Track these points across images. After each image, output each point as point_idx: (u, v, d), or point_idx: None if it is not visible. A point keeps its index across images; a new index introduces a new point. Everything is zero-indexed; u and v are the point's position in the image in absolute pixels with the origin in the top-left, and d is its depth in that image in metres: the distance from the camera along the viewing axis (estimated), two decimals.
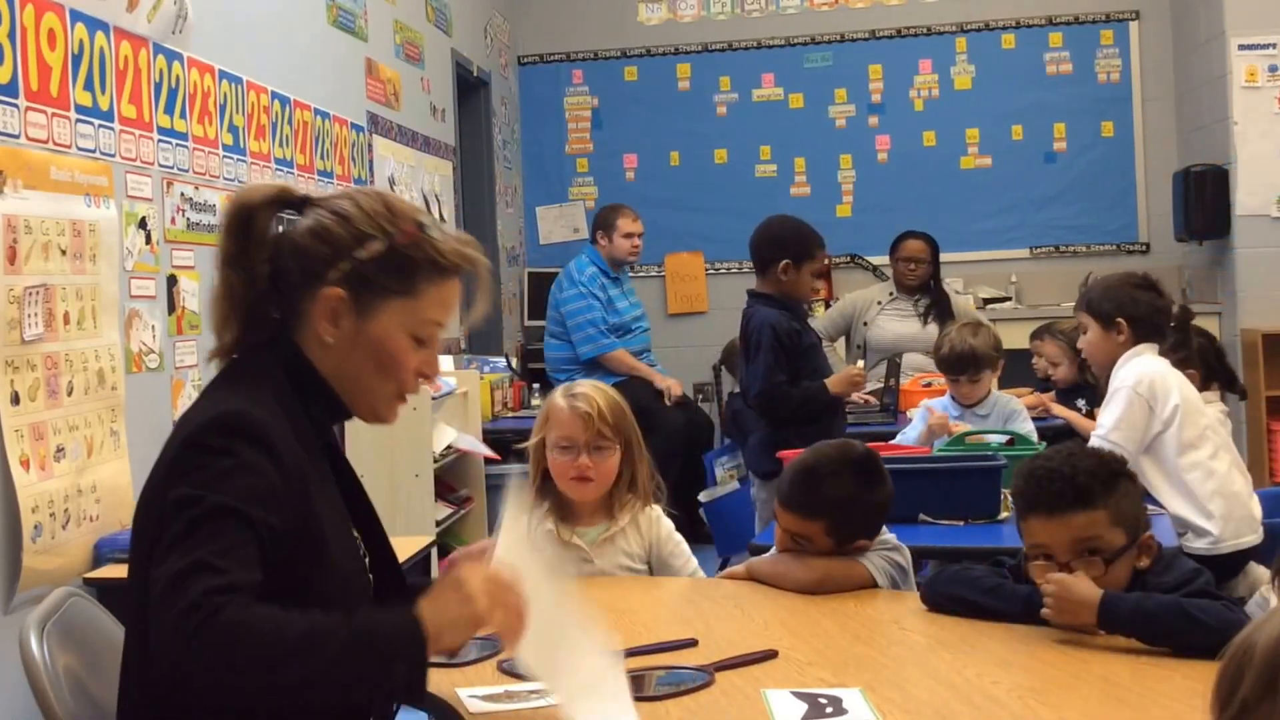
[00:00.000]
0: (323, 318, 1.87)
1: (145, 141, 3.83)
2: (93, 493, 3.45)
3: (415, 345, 1.91)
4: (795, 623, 2.56)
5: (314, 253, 1.87)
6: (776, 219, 4.93)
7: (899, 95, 8.62)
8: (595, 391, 3.12)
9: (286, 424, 1.82)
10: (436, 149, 6.91)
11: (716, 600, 2.79)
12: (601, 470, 3.04)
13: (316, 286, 1.87)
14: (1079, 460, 2.42)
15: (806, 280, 4.79)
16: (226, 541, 1.65)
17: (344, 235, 1.87)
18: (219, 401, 1.81)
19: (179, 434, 1.80)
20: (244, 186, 1.97)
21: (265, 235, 1.90)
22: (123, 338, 3.66)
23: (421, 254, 1.89)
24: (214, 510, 1.67)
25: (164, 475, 1.76)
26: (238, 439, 1.73)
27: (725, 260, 8.63)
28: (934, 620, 2.54)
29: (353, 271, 1.86)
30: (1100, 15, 8.43)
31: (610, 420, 3.06)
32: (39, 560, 3.22)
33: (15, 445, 3.15)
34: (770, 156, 8.69)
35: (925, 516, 3.63)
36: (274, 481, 1.74)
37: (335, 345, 1.88)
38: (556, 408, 3.10)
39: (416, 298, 1.89)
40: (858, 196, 8.63)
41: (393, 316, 1.89)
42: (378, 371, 1.91)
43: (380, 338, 1.89)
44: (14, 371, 3.16)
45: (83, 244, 3.46)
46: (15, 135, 3.23)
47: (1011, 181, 8.48)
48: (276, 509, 1.73)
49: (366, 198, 1.93)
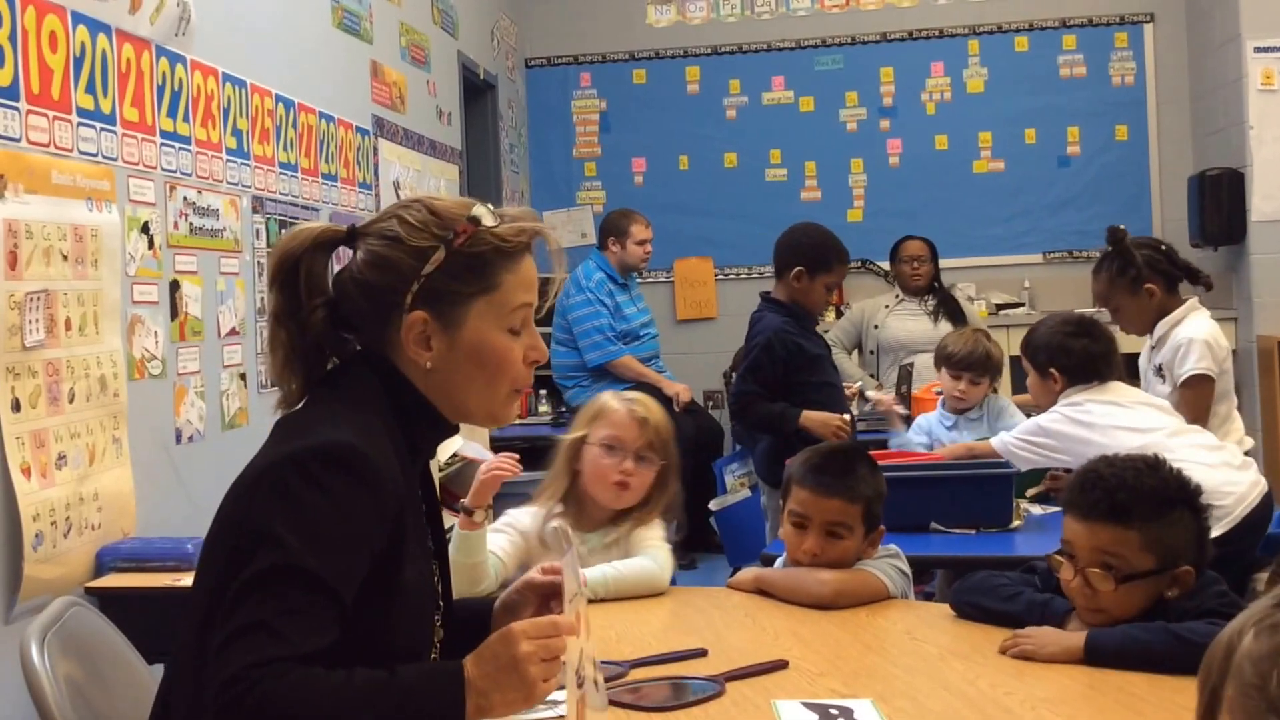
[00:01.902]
0: (414, 345, 1.83)
1: (148, 145, 3.83)
2: (94, 501, 3.45)
3: (513, 335, 1.87)
4: (806, 633, 2.56)
5: (380, 284, 1.83)
6: (802, 226, 4.94)
7: (911, 98, 8.62)
8: (652, 402, 3.14)
9: (392, 453, 1.77)
10: (442, 153, 6.91)
11: (727, 610, 2.79)
12: (640, 480, 3.03)
13: (396, 316, 1.82)
14: (1139, 476, 2.39)
15: (819, 292, 4.77)
16: (295, 602, 1.62)
17: (403, 257, 1.82)
18: (329, 423, 1.76)
19: (283, 447, 1.74)
20: (285, 234, 1.92)
21: (317, 281, 1.86)
22: (125, 344, 3.66)
23: (485, 246, 1.84)
24: (291, 567, 1.62)
25: (257, 488, 1.71)
26: (340, 473, 1.68)
27: (735, 265, 8.64)
28: (946, 630, 2.54)
29: (426, 289, 1.81)
30: (1114, 18, 8.43)
31: (663, 435, 3.06)
32: (40, 569, 3.21)
33: (16, 453, 3.14)
34: (781, 160, 8.70)
35: (937, 525, 3.62)
36: (367, 521, 1.70)
37: (435, 366, 1.83)
38: (610, 408, 3.09)
39: (498, 289, 1.84)
40: (869, 201, 8.63)
41: (482, 317, 1.84)
42: (487, 376, 1.86)
43: (477, 343, 1.84)
44: (14, 378, 3.15)
45: (84, 249, 3.45)
46: (16, 139, 3.22)
47: (1024, 186, 8.48)
48: (363, 550, 1.69)
49: (409, 210, 1.87)
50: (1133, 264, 4.25)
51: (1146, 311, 4.26)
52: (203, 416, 4.10)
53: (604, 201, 8.69)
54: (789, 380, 4.66)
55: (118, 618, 2.33)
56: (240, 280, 4.42)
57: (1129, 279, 4.24)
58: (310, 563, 1.63)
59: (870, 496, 2.85)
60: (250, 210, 4.52)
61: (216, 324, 4.24)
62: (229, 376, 4.31)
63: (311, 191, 5.08)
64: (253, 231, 4.53)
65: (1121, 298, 4.28)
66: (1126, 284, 4.25)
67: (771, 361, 4.64)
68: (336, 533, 1.67)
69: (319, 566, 1.64)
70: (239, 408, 4.36)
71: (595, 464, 3.04)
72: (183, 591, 1.85)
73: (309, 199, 5.04)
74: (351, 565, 1.68)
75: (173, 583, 3.22)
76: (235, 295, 4.37)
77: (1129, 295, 4.26)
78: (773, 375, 4.66)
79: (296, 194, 4.93)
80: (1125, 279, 4.25)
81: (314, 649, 1.62)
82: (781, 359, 4.64)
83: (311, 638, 1.62)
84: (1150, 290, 4.24)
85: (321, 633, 1.63)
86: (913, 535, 3.24)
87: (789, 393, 4.66)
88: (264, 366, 4.56)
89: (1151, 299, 4.24)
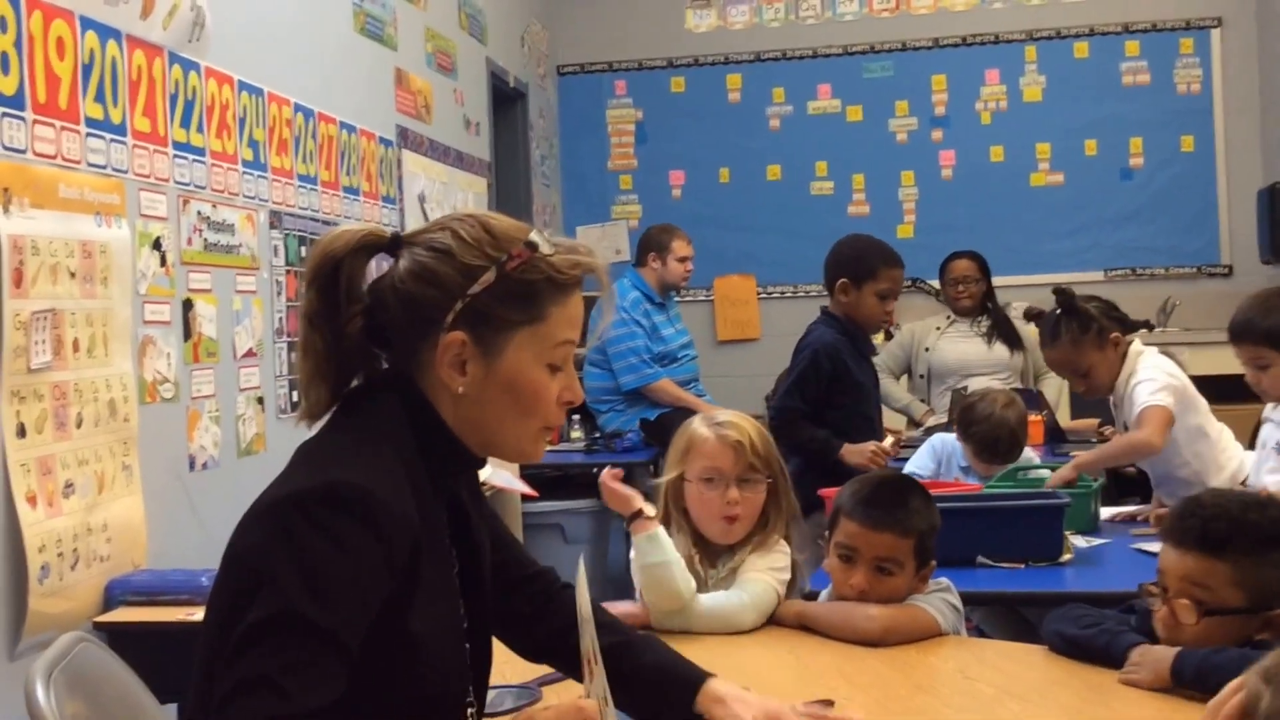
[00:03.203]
0: (448, 366, 1.80)
1: (160, 157, 3.85)
2: (103, 531, 3.45)
3: (551, 372, 1.85)
4: (853, 670, 2.54)
5: (422, 297, 1.81)
6: (846, 237, 4.96)
7: (964, 107, 8.60)
8: (741, 419, 3.08)
9: (406, 488, 1.75)
10: (470, 165, 6.93)
11: (768, 645, 2.77)
12: (749, 506, 2.99)
13: (433, 334, 1.80)
14: (1245, 510, 2.37)
15: (869, 302, 4.74)
16: (298, 654, 1.61)
17: (450, 272, 1.80)
18: (341, 458, 1.75)
19: (290, 484, 1.73)
20: (327, 234, 1.91)
21: (357, 286, 1.85)
22: (135, 366, 3.67)
23: (538, 274, 1.82)
24: (293, 616, 1.62)
25: (260, 527, 1.70)
26: (346, 516, 1.67)
27: (778, 284, 8.63)
28: (1001, 668, 2.53)
29: (469, 310, 1.79)
30: (1180, 22, 8.39)
31: (762, 451, 3.01)
32: (46, 603, 3.21)
33: (21, 480, 3.15)
34: (827, 173, 8.69)
35: (984, 559, 3.59)
36: (374, 566, 1.68)
37: (466, 393, 1.82)
38: (700, 437, 3.04)
39: (543, 322, 1.82)
40: (920, 216, 8.61)
41: (523, 348, 1.82)
42: (519, 411, 1.84)
43: (514, 375, 1.82)
44: (20, 402, 3.16)
45: (93, 266, 3.47)
46: (22, 150, 3.24)
47: (1085, 200, 8.44)
48: (369, 597, 1.68)
49: (464, 225, 1.85)
50: (1092, 318, 4.20)
51: (1114, 364, 4.20)
52: (217, 443, 4.12)
53: (640, 216, 8.71)
54: (828, 400, 4.64)
55: (128, 654, 2.32)
56: (257, 299, 4.43)
57: (1094, 334, 4.19)
58: (313, 611, 1.62)
59: (923, 530, 2.82)
60: (268, 225, 4.53)
61: (232, 345, 4.26)
62: (245, 400, 4.32)
63: (332, 206, 5.10)
64: (270, 248, 4.54)
65: (1091, 355, 4.20)
66: (1092, 340, 4.18)
67: (817, 377, 4.63)
68: (341, 579, 1.65)
69: (322, 615, 1.63)
70: (256, 433, 4.37)
71: (699, 501, 3.00)
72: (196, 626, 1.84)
73: (329, 213, 5.06)
74: (357, 613, 1.67)
75: (186, 617, 3.22)
76: (252, 315, 4.39)
77: (1098, 351, 4.19)
78: (817, 392, 4.64)
79: (316, 208, 4.94)
80: (1090, 335, 4.19)
81: (318, 705, 1.61)
82: (827, 374, 4.62)
83: (315, 693, 1.61)
84: (1115, 339, 4.19)
85: (326, 687, 1.62)
86: (956, 570, 3.21)
87: (824, 412, 4.64)
88: (282, 390, 4.57)
89: (1118, 348, 4.20)
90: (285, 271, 4.65)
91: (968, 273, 6.82)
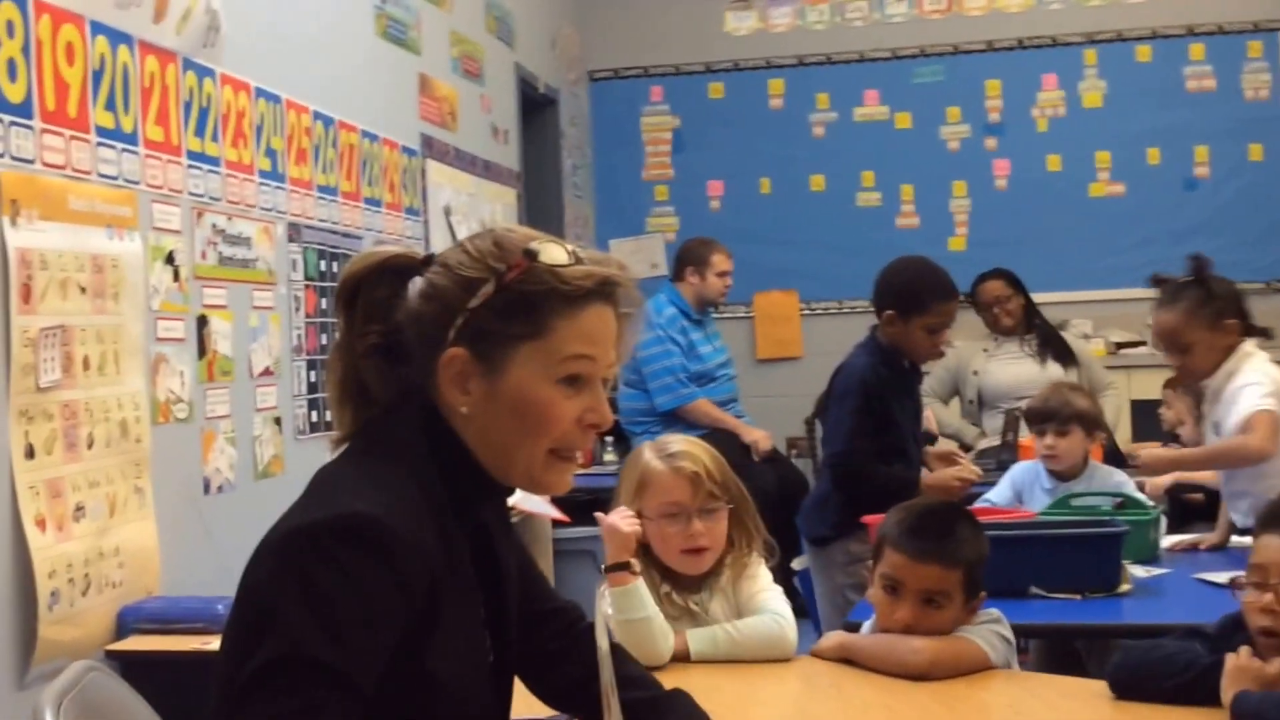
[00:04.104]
0: (451, 385, 1.82)
1: (173, 167, 3.90)
2: (115, 556, 3.50)
3: (566, 391, 1.83)
4: (898, 706, 2.56)
5: (427, 315, 1.83)
6: (899, 261, 4.79)
7: (1020, 114, 8.60)
8: (692, 446, 3.10)
9: (425, 517, 1.77)
10: (498, 174, 6.98)
11: (809, 679, 2.79)
12: (715, 535, 3.01)
13: (438, 352, 1.82)
14: None
15: (918, 337, 4.57)
16: (308, 698, 1.63)
17: (451, 287, 1.82)
18: (355, 487, 1.76)
19: (302, 515, 1.75)
20: (355, 256, 1.96)
21: (377, 309, 1.88)
22: (148, 385, 3.72)
23: (540, 285, 1.81)
24: (302, 658, 1.63)
25: (270, 560, 1.72)
26: (358, 549, 1.68)
27: (822, 300, 8.63)
28: (1055, 705, 2.54)
29: (468, 325, 1.80)
30: (1247, 25, 8.38)
31: (718, 477, 3.03)
32: (56, 630, 3.26)
33: (30, 503, 3.20)
34: (874, 183, 8.70)
35: (1037, 590, 3.59)
36: (389, 602, 1.69)
37: (472, 413, 1.82)
38: (654, 471, 3.05)
39: (548, 337, 1.81)
40: (973, 228, 8.60)
41: (526, 365, 1.81)
42: (525, 430, 1.82)
43: (518, 391, 1.81)
44: (29, 422, 3.21)
45: (104, 281, 3.52)
46: (30, 160, 3.29)
47: (1147, 212, 8.41)
48: (383, 635, 1.70)
49: (477, 239, 1.87)
50: (1216, 295, 4.17)
51: (1218, 353, 4.13)
52: (233, 465, 4.16)
53: (676, 229, 8.71)
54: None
55: (141, 683, 2.35)
56: (275, 315, 4.48)
57: (1212, 311, 4.13)
58: (324, 651, 1.64)
59: (971, 560, 2.83)
60: (286, 238, 4.59)
61: (248, 363, 4.30)
62: (262, 421, 4.37)
63: (353, 218, 5.15)
64: (289, 262, 4.60)
65: (1199, 332, 4.12)
66: (1208, 317, 4.12)
67: (870, 411, 4.50)
68: (353, 616, 1.66)
69: (333, 655, 1.64)
70: (273, 455, 4.41)
71: (660, 537, 3.02)
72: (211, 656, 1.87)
73: (350, 226, 5.11)
74: (370, 652, 1.68)
75: (200, 646, 3.27)
76: (269, 332, 4.44)
77: (1207, 330, 4.12)
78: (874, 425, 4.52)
79: (336, 220, 5.00)
80: (1207, 310, 4.13)
81: None
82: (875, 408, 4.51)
83: None
84: (1230, 327, 4.14)
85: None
86: (1010, 601, 3.21)
87: None
88: (300, 410, 4.62)
89: (1228, 338, 4.14)
90: (304, 286, 4.70)
91: (999, 293, 6.74)
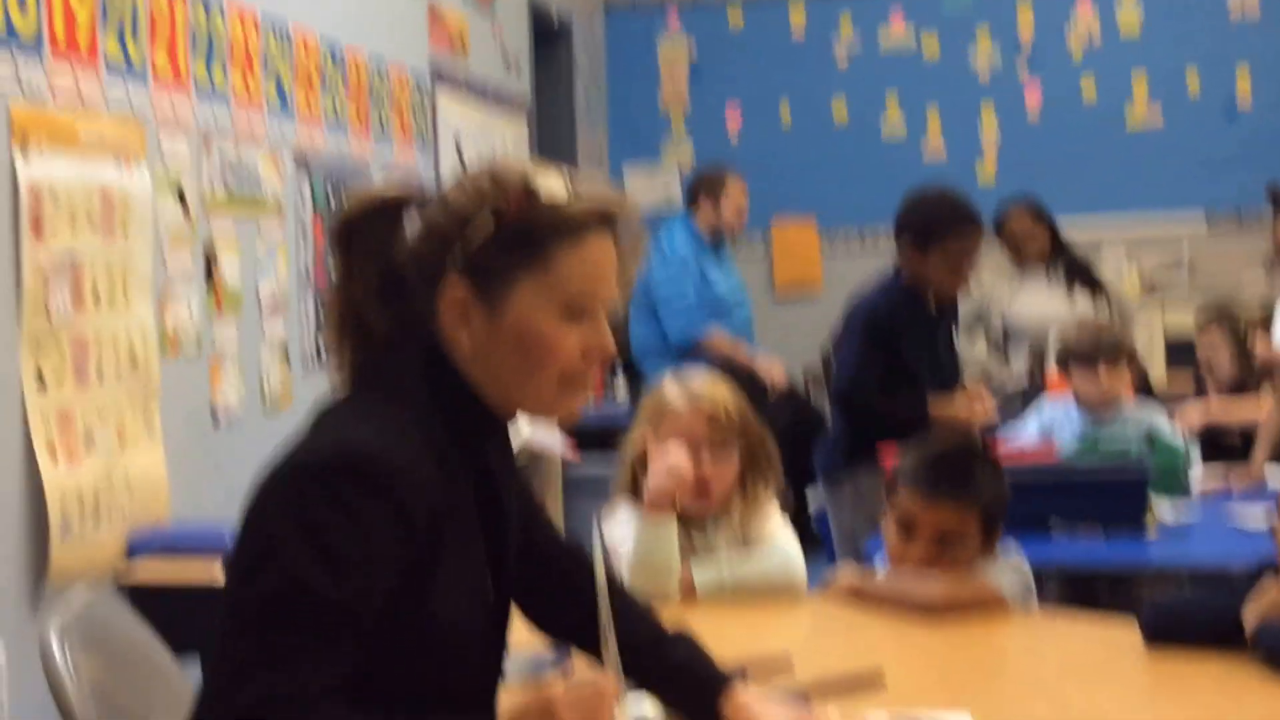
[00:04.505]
0: (452, 321, 1.85)
1: (181, 98, 3.96)
2: (125, 485, 3.59)
3: (569, 323, 1.86)
4: (907, 645, 2.60)
5: (425, 252, 1.87)
6: (918, 190, 4.81)
7: (1053, 40, 8.56)
8: (715, 385, 3.13)
9: (426, 454, 1.81)
10: (509, 105, 7.00)
11: (819, 617, 2.85)
12: (722, 476, 3.03)
13: (438, 289, 1.85)
14: None
15: (937, 269, 4.53)
16: (305, 630, 1.68)
17: (450, 224, 1.85)
18: (353, 424, 1.82)
19: (300, 452, 1.80)
20: (352, 194, 2.01)
21: (374, 247, 1.91)
22: (156, 317, 3.80)
23: (540, 219, 1.84)
24: (301, 590, 1.68)
25: (270, 495, 1.77)
26: (356, 486, 1.73)
27: (844, 233, 8.62)
28: (1067, 647, 2.57)
29: (468, 261, 1.83)
30: None
31: (736, 418, 3.05)
32: (68, 557, 3.36)
33: (41, 431, 3.29)
34: (899, 113, 8.68)
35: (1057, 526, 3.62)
36: (387, 536, 1.74)
37: (475, 348, 1.85)
38: (672, 403, 3.08)
39: (550, 270, 1.84)
40: (1003, 159, 8.57)
41: (527, 297, 1.84)
42: (530, 364, 1.86)
43: (521, 326, 1.85)
44: (40, 352, 3.30)
45: (113, 213, 3.58)
46: (39, 93, 3.35)
47: (1185, 141, 8.37)
48: (382, 569, 1.74)
49: (472, 175, 1.91)
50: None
51: None
52: (241, 397, 4.24)
53: (693, 159, 8.71)
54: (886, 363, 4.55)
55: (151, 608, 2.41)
56: (283, 247, 4.54)
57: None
58: (323, 584, 1.69)
59: (989, 502, 2.85)
60: (294, 170, 4.64)
61: (256, 295, 4.36)
62: (270, 353, 4.44)
63: (362, 148, 5.19)
64: (297, 193, 4.65)
65: None
66: None
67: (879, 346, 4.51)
68: (353, 550, 1.71)
69: (332, 588, 1.69)
70: (281, 387, 4.48)
71: None
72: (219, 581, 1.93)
73: (359, 156, 5.16)
74: (370, 586, 1.73)
75: (209, 572, 3.33)
76: (277, 264, 4.50)
77: None
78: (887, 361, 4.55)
79: (345, 151, 5.04)
80: None
81: (327, 683, 1.68)
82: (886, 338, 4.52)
83: (324, 670, 1.68)
84: None
85: (336, 663, 1.69)
86: (1031, 538, 3.23)
87: None
88: (309, 342, 4.68)
89: None
90: (312, 218, 4.75)
91: (1024, 224, 6.65)
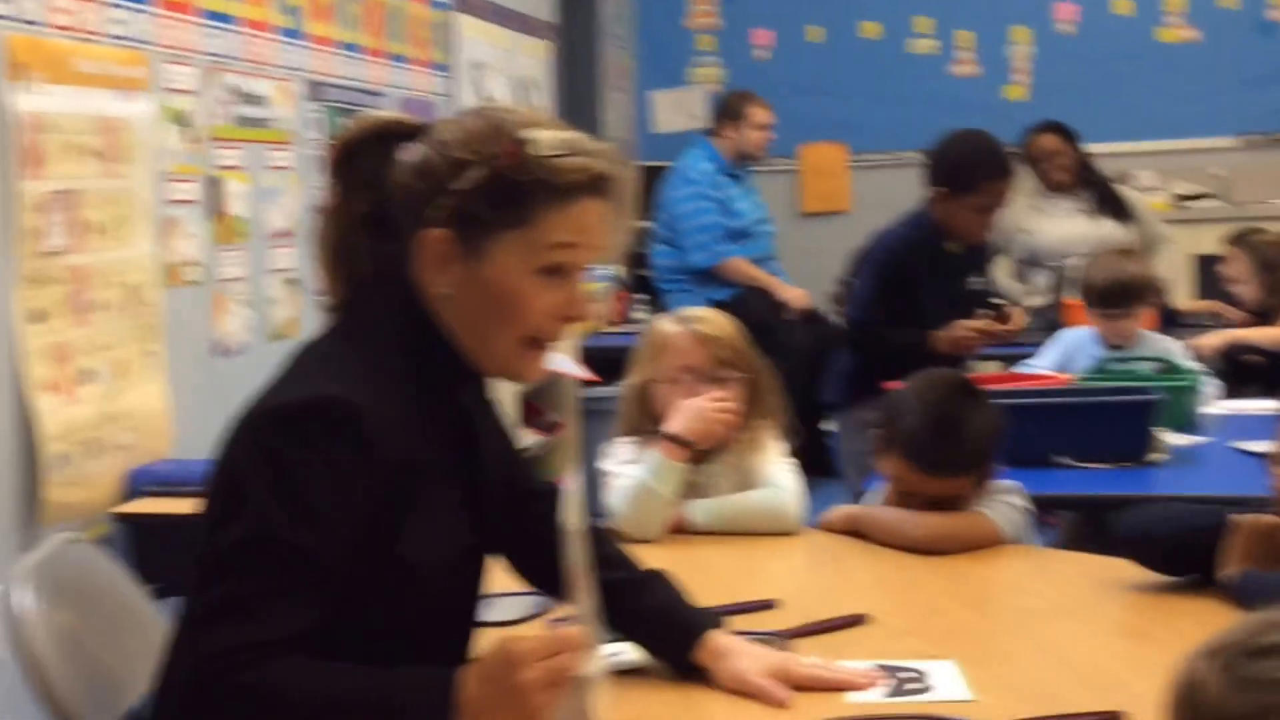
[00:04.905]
0: (430, 266, 1.84)
1: (186, 25, 3.94)
2: (125, 419, 3.59)
3: (545, 281, 1.85)
4: (896, 583, 2.61)
5: (414, 191, 1.85)
6: (954, 135, 4.74)
7: None
8: (712, 314, 3.15)
9: (401, 399, 1.82)
10: (532, 27, 6.94)
11: (811, 553, 2.84)
12: None
13: (420, 230, 1.84)
14: None
15: (966, 217, 4.55)
16: (274, 577, 1.69)
17: (442, 166, 1.83)
18: (326, 368, 1.83)
19: (273, 396, 1.81)
20: (354, 118, 2.00)
21: (365, 176, 1.90)
22: (159, 248, 3.79)
23: (529, 176, 1.82)
24: (270, 537, 1.69)
25: (242, 439, 1.79)
26: (328, 432, 1.74)
27: (872, 152, 8.57)
28: (1057, 583, 2.57)
29: (454, 207, 1.82)
30: None
31: (736, 345, 3.06)
32: (64, 493, 3.36)
33: (37, 367, 3.29)
34: (929, 30, 8.60)
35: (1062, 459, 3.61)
36: (357, 483, 1.75)
37: (450, 295, 1.84)
38: (670, 334, 3.09)
39: (532, 227, 1.82)
40: (1036, 76, 8.50)
41: (508, 254, 1.83)
42: (499, 319, 1.86)
43: (496, 279, 1.84)
44: (36, 286, 3.29)
45: (114, 144, 3.57)
46: (37, 22, 3.33)
47: (1220, 56, 8.28)
48: (352, 516, 1.74)
49: (474, 117, 1.89)
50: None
51: None
52: (247, 327, 4.23)
53: (721, 79, 8.67)
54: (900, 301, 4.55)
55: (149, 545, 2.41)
56: (293, 175, 4.52)
57: None
58: (292, 532, 1.70)
59: (984, 453, 2.84)
60: (305, 97, 4.61)
61: (264, 225, 4.35)
62: (277, 282, 4.43)
63: (377, 75, 5.16)
64: (308, 121, 4.63)
65: None
66: None
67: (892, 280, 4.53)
68: (323, 498, 1.72)
69: (302, 536, 1.70)
70: (289, 317, 4.47)
71: (670, 403, 3.02)
72: None
73: (374, 83, 5.13)
74: (339, 534, 1.73)
75: None
76: (287, 192, 4.48)
77: None
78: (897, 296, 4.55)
79: (359, 78, 5.01)
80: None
81: (296, 630, 1.68)
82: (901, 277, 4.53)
83: (293, 617, 1.69)
84: None
85: (305, 611, 1.70)
86: (1035, 470, 3.22)
87: None
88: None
89: None
90: (326, 146, 4.73)
91: (1052, 147, 6.60)
